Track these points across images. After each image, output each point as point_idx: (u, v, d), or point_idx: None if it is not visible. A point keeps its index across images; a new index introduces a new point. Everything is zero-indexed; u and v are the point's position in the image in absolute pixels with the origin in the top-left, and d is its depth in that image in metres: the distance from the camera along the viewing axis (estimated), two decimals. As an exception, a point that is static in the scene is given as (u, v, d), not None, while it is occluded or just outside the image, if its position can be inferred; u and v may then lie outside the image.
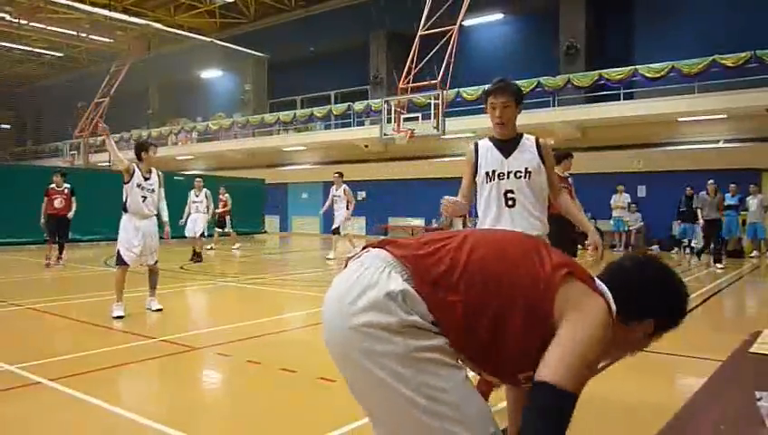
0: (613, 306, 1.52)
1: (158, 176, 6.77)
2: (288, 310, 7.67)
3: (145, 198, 6.53)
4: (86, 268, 11.52)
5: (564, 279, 1.49)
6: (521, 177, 3.30)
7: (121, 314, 6.28)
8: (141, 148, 6.73)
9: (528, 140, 3.37)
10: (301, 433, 3.20)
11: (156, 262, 6.75)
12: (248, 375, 4.34)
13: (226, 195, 16.43)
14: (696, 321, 6.54)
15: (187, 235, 12.74)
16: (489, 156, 3.39)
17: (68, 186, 11.61)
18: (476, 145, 3.47)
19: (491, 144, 3.42)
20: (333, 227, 13.66)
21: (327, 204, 13.68)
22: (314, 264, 13.91)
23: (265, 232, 22.24)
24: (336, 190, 13.56)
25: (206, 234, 13.29)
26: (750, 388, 1.48)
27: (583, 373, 1.41)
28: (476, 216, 3.56)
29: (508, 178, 3.31)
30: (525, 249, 1.61)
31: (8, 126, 42.39)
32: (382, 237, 1.76)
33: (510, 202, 3.32)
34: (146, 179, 6.58)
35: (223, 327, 5.94)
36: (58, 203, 11.34)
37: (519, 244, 1.66)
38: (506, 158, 3.34)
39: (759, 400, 1.39)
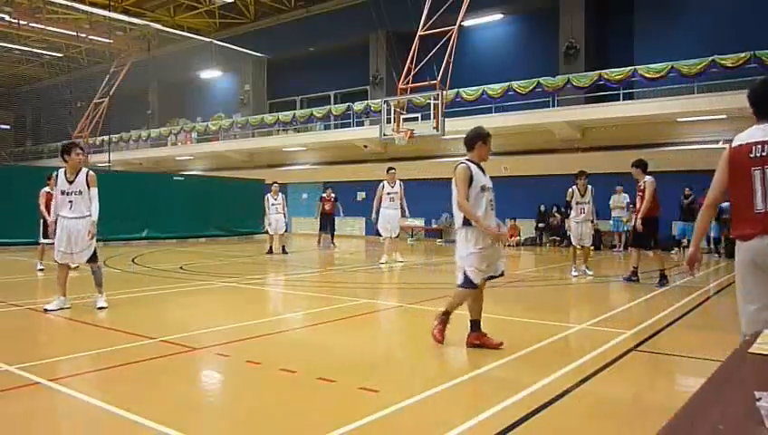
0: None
1: (88, 177, 6.57)
2: (288, 310, 7.67)
3: (71, 202, 6.51)
4: (85, 269, 11.50)
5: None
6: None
7: (54, 307, 6.46)
8: (63, 150, 6.65)
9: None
10: (301, 433, 3.20)
11: (89, 260, 6.66)
12: (248, 375, 4.33)
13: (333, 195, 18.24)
14: (697, 321, 6.54)
15: (270, 232, 15.21)
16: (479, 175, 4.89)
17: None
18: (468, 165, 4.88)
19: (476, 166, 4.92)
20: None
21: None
22: (314, 264, 13.92)
23: (266, 232, 22.22)
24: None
25: (286, 230, 15.80)
26: (750, 388, 1.48)
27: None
28: None
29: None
30: None
31: (8, 126, 42.37)
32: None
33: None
34: (70, 183, 6.52)
35: (223, 327, 5.94)
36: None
37: None
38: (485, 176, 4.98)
39: (759, 400, 1.39)
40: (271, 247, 14.97)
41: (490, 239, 4.82)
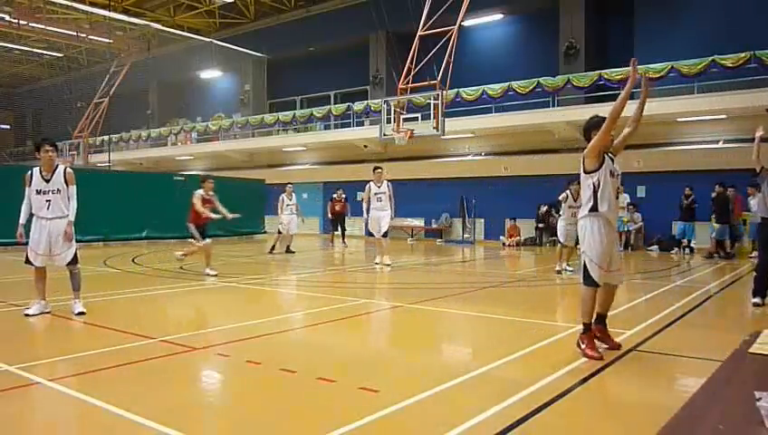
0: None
1: (66, 174, 6.31)
2: (288, 310, 7.67)
3: (49, 201, 6.24)
4: (84, 268, 11.50)
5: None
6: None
7: (35, 312, 6.25)
8: (35, 148, 6.43)
9: None
10: (301, 433, 3.20)
11: (70, 263, 6.37)
12: (248, 375, 4.34)
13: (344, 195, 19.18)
14: (696, 321, 6.54)
15: (282, 232, 15.06)
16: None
17: None
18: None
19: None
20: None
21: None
22: (314, 264, 13.92)
23: (265, 232, 22.26)
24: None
25: (297, 231, 15.87)
26: (750, 388, 1.48)
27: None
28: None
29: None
30: None
31: (8, 126, 42.36)
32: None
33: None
34: (47, 181, 6.26)
35: (223, 327, 5.94)
36: None
37: None
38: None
39: (759, 400, 1.39)
40: (273, 247, 15.02)
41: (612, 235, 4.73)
